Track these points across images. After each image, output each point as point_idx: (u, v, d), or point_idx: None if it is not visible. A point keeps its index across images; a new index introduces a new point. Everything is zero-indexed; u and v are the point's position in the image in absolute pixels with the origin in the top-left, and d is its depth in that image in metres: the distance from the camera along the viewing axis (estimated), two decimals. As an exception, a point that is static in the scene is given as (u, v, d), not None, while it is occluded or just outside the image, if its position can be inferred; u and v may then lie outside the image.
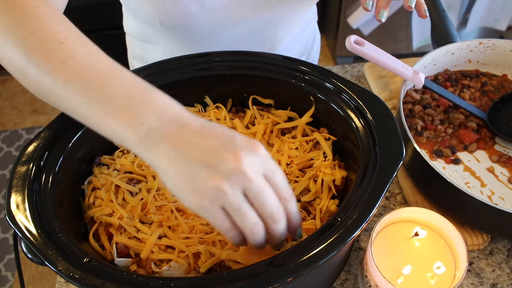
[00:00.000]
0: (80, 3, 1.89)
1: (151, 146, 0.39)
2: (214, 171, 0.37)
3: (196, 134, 0.39)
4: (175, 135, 0.39)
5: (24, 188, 0.48)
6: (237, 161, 0.37)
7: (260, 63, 0.62)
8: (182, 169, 0.38)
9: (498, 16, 1.90)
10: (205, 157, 0.38)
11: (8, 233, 1.69)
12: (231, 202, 0.38)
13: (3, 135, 2.01)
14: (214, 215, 0.39)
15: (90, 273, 0.42)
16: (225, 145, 0.38)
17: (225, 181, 0.37)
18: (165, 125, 0.39)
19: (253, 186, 0.38)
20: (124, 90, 0.40)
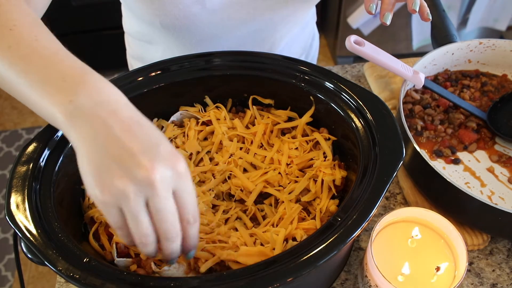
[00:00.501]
0: (80, 3, 1.89)
1: (74, 125, 0.39)
2: (125, 173, 0.37)
3: (122, 128, 0.38)
4: (101, 121, 0.38)
5: (24, 188, 0.48)
6: (150, 171, 0.37)
7: (260, 63, 0.62)
8: (96, 159, 0.38)
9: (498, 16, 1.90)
10: (122, 155, 0.37)
11: (8, 233, 1.69)
12: (130, 207, 0.37)
13: (3, 135, 2.01)
14: (111, 212, 0.39)
15: (90, 273, 0.42)
16: (146, 150, 0.37)
17: (131, 185, 0.37)
18: (94, 106, 0.39)
19: (157, 200, 0.38)
20: (62, 72, 0.41)
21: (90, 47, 2.06)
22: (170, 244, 0.40)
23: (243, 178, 0.58)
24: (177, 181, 0.39)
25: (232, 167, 0.59)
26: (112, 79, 0.60)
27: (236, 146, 0.61)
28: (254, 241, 0.52)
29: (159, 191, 0.37)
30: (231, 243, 0.51)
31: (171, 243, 0.40)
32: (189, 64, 0.62)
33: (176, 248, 0.41)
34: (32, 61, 0.42)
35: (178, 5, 0.68)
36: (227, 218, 0.56)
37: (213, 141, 0.62)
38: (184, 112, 0.65)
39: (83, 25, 1.99)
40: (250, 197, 0.57)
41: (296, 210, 0.54)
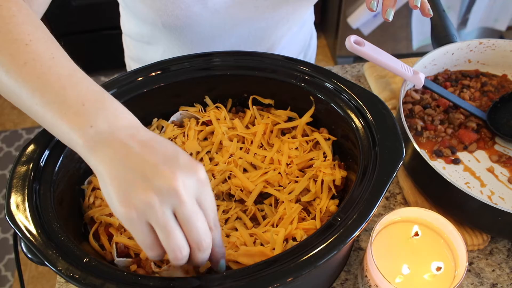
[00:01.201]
0: (80, 3, 1.89)
1: (95, 150, 0.39)
2: (148, 184, 0.36)
3: (141, 145, 0.39)
4: (120, 142, 0.39)
5: (24, 188, 0.48)
6: (172, 179, 0.37)
7: (260, 63, 0.62)
8: (118, 176, 0.37)
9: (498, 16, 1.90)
10: (143, 168, 0.37)
11: (8, 233, 1.69)
12: (158, 218, 0.37)
13: (3, 135, 2.01)
14: (139, 229, 0.38)
15: (90, 273, 0.42)
16: (166, 161, 0.38)
17: (156, 196, 0.36)
18: (114, 131, 0.39)
19: (184, 207, 0.37)
20: (80, 95, 0.41)
21: (90, 47, 2.06)
22: (202, 255, 0.40)
23: (243, 178, 0.58)
24: (199, 188, 0.39)
25: (232, 167, 0.59)
26: (112, 79, 0.60)
27: (236, 146, 0.61)
28: (254, 241, 0.52)
29: (185, 197, 0.37)
30: (231, 243, 0.51)
31: (203, 253, 0.40)
32: (189, 64, 0.62)
33: (207, 258, 0.41)
34: (50, 81, 0.41)
35: (180, 5, 0.68)
36: (227, 218, 0.56)
37: (213, 141, 0.62)
38: (184, 112, 0.65)
39: (83, 25, 1.99)
40: (250, 197, 0.57)
41: (296, 210, 0.54)
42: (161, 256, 0.40)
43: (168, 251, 0.38)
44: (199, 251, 0.39)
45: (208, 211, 0.40)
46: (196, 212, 0.38)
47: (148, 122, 0.65)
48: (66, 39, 2.00)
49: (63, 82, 0.41)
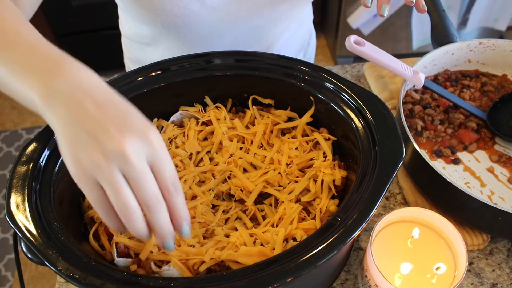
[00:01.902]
0: (80, 3, 1.89)
1: (52, 108, 0.40)
2: (97, 145, 0.38)
3: (96, 106, 0.39)
4: (76, 102, 0.39)
5: (24, 188, 0.48)
6: (122, 142, 0.38)
7: (260, 63, 0.62)
8: (71, 136, 0.39)
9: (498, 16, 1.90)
10: (95, 129, 0.38)
11: (8, 233, 1.69)
12: (105, 176, 0.38)
13: (3, 135, 2.01)
14: (87, 187, 0.39)
15: (90, 273, 0.42)
16: (117, 123, 0.39)
17: (103, 156, 0.37)
18: (70, 90, 0.40)
19: (131, 169, 0.38)
20: (40, 59, 0.42)
21: (90, 47, 2.06)
22: (155, 217, 0.40)
23: (243, 178, 0.58)
24: (150, 151, 0.39)
25: (232, 167, 0.59)
26: (112, 79, 0.60)
27: (236, 146, 0.61)
28: (254, 241, 0.52)
29: (132, 160, 0.38)
30: (231, 243, 0.51)
31: (154, 215, 0.40)
32: (189, 64, 0.62)
33: (163, 223, 0.40)
34: (12, 51, 0.43)
35: (179, 4, 0.68)
36: (227, 218, 0.56)
37: (213, 141, 0.62)
38: (184, 112, 0.65)
39: (83, 25, 1.99)
40: (250, 197, 0.57)
41: (296, 210, 0.54)
42: (119, 225, 0.41)
43: (118, 211, 0.39)
44: (149, 212, 0.39)
45: (161, 174, 0.40)
46: (144, 173, 0.38)
47: (148, 122, 0.65)
48: (66, 39, 2.00)
49: (25, 51, 0.43)
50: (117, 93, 0.42)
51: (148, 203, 0.39)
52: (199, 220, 0.55)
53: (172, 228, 0.42)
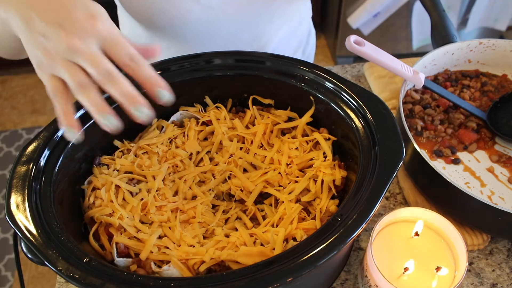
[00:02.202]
0: (80, 3, 1.88)
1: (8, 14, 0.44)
2: (49, 44, 0.41)
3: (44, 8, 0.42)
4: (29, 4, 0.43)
5: (24, 188, 0.48)
6: (68, 40, 0.41)
7: (260, 63, 0.62)
8: (28, 39, 0.43)
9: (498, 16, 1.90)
10: (44, 31, 0.41)
11: (8, 233, 1.69)
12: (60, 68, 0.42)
13: (3, 135, 2.01)
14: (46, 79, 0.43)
15: (90, 273, 0.42)
16: (62, 20, 0.42)
17: (57, 55, 0.41)
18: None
19: (83, 56, 0.41)
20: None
21: (90, 47, 2.05)
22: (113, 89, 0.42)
23: (243, 178, 0.58)
24: (99, 40, 0.42)
25: (232, 167, 0.59)
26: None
27: (236, 146, 0.61)
28: (254, 241, 0.52)
29: (82, 50, 0.41)
30: (231, 243, 0.51)
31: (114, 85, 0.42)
32: (189, 64, 0.62)
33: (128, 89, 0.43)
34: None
35: (174, 3, 0.68)
36: (227, 218, 0.56)
37: (213, 141, 0.62)
38: (184, 112, 0.65)
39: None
40: (250, 197, 0.57)
41: (296, 210, 0.54)
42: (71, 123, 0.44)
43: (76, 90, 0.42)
44: (107, 86, 0.42)
45: (116, 54, 0.43)
46: (96, 54, 0.41)
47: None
48: (66, 39, 1.99)
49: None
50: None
51: (103, 80, 0.42)
52: (199, 220, 0.55)
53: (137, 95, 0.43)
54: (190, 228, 0.54)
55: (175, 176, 0.59)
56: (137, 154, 0.61)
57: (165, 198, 0.56)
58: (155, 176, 0.58)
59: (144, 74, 0.43)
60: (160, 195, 0.56)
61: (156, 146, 0.61)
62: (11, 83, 2.24)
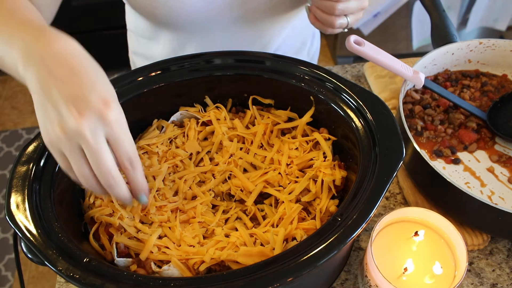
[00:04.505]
0: (80, 3, 1.89)
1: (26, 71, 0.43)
2: (60, 119, 0.41)
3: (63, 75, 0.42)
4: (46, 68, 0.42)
5: (24, 188, 0.48)
6: (79, 122, 0.40)
7: (260, 63, 0.62)
8: (40, 105, 0.42)
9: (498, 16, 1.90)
10: (58, 103, 0.41)
11: (8, 233, 1.69)
12: (68, 152, 0.42)
13: (3, 135, 2.01)
14: (56, 155, 0.43)
15: (90, 273, 0.42)
16: (78, 100, 0.41)
17: (64, 132, 0.41)
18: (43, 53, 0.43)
19: (88, 148, 0.41)
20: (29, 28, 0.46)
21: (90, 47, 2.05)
22: (111, 189, 0.44)
23: (243, 178, 0.58)
24: (107, 130, 0.42)
25: (232, 167, 0.59)
26: (112, 79, 0.60)
27: (236, 146, 0.61)
28: (254, 241, 0.52)
29: (88, 139, 0.41)
30: (231, 243, 0.51)
31: (111, 188, 0.43)
32: (189, 64, 0.62)
33: (122, 193, 0.44)
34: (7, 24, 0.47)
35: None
36: (227, 218, 0.56)
37: (213, 141, 0.62)
38: (184, 112, 0.65)
39: (83, 25, 1.99)
40: (250, 197, 0.57)
41: (296, 210, 0.54)
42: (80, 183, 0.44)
43: (79, 179, 0.44)
44: (105, 185, 0.43)
45: (118, 151, 0.43)
46: (100, 152, 0.41)
47: (148, 122, 0.65)
48: (66, 39, 2.00)
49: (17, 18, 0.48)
50: (92, 63, 0.44)
51: (102, 179, 0.43)
52: (199, 220, 0.55)
53: (129, 195, 0.46)
54: (190, 228, 0.54)
55: (175, 176, 0.59)
56: (137, 154, 0.61)
57: (165, 198, 0.56)
58: (155, 176, 0.58)
59: (136, 179, 0.46)
60: (160, 195, 0.56)
61: (156, 146, 0.61)
62: (11, 83, 2.24)
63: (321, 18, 0.64)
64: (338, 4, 0.61)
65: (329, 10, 0.62)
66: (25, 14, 0.49)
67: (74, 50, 0.44)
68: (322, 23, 0.65)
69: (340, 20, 0.63)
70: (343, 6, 0.61)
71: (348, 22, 0.64)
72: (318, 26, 0.66)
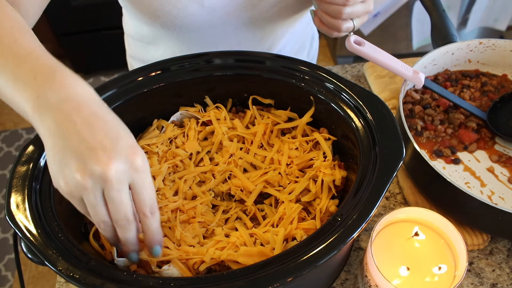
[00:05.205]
0: (80, 3, 1.89)
1: (41, 120, 0.41)
2: (83, 166, 0.39)
3: (84, 121, 0.40)
4: (65, 115, 0.40)
5: (24, 188, 0.48)
6: (106, 165, 0.39)
7: (260, 63, 0.62)
8: (58, 151, 0.40)
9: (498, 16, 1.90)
10: (81, 149, 0.39)
11: (8, 233, 1.69)
12: (88, 198, 0.40)
13: (3, 135, 2.01)
14: (74, 201, 0.42)
15: (90, 273, 0.42)
16: (105, 145, 0.39)
17: (88, 179, 0.39)
18: (60, 102, 0.41)
19: (111, 192, 0.40)
20: (34, 69, 0.43)
21: (90, 47, 2.06)
22: (124, 233, 0.43)
23: (243, 178, 0.58)
24: (133, 176, 0.41)
25: (232, 167, 0.59)
26: (112, 79, 0.60)
27: (236, 146, 0.61)
28: (254, 241, 0.52)
29: (113, 184, 0.39)
30: (231, 243, 0.51)
31: (124, 232, 0.43)
32: (189, 64, 0.62)
33: (131, 238, 0.43)
34: (8, 60, 0.44)
35: (177, 5, 0.68)
36: (227, 218, 0.56)
37: (213, 141, 0.62)
38: (184, 112, 0.65)
39: (83, 25, 1.99)
40: (250, 197, 0.57)
41: (296, 210, 0.54)
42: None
43: (94, 221, 0.42)
44: (119, 227, 0.42)
45: (140, 197, 0.42)
46: (122, 198, 0.40)
47: (148, 122, 0.65)
48: (66, 39, 2.00)
49: (19, 60, 0.44)
50: (108, 109, 0.43)
51: (118, 222, 0.42)
52: (199, 220, 0.55)
53: (137, 245, 0.45)
54: (190, 228, 0.54)
55: (175, 176, 0.59)
56: (137, 154, 0.61)
57: (165, 198, 0.56)
58: (155, 176, 0.58)
59: (152, 227, 0.44)
60: (160, 195, 0.56)
61: (156, 146, 0.61)
62: (11, 83, 2.23)
63: (328, 22, 0.64)
64: (345, 8, 0.61)
65: (336, 14, 0.62)
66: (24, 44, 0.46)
67: (91, 95, 0.43)
68: (328, 27, 0.65)
69: (347, 24, 0.63)
70: (350, 10, 0.61)
71: (354, 26, 0.64)
72: (324, 30, 0.66)
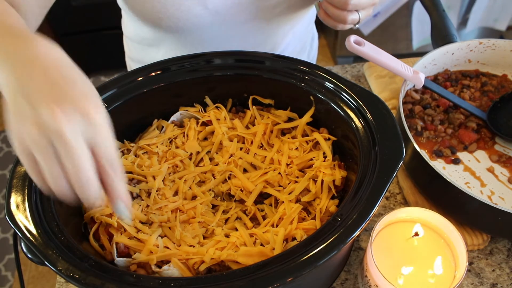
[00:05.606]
0: (80, 3, 1.89)
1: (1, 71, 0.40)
2: (36, 116, 0.37)
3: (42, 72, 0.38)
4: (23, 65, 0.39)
5: (24, 188, 0.48)
6: (58, 118, 0.36)
7: (260, 63, 0.62)
8: (13, 103, 0.38)
9: (498, 16, 1.90)
10: (35, 98, 0.37)
11: (8, 233, 1.69)
12: (39, 151, 0.37)
13: (3, 135, 2.01)
14: (23, 157, 0.39)
15: (90, 273, 0.42)
16: (59, 94, 0.37)
17: (39, 130, 0.37)
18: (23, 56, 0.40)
19: (66, 148, 0.37)
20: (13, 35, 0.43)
21: (90, 47, 2.06)
22: (83, 194, 0.39)
23: (243, 178, 0.58)
24: (89, 130, 0.38)
25: (232, 167, 0.59)
26: (112, 79, 0.60)
27: (236, 146, 0.61)
28: (254, 241, 0.52)
29: (67, 138, 0.37)
30: (231, 243, 0.51)
31: (83, 193, 0.39)
32: (189, 64, 0.62)
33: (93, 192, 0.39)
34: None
35: (180, 7, 0.68)
36: (227, 218, 0.56)
37: (213, 141, 0.62)
38: (184, 112, 0.65)
39: (83, 25, 1.99)
40: (250, 197, 0.57)
41: (296, 210, 0.54)
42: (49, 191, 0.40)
43: (48, 180, 0.39)
44: (77, 188, 0.39)
45: (99, 154, 0.39)
46: (78, 155, 0.37)
47: (148, 122, 0.65)
48: (66, 39, 2.00)
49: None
50: (78, 70, 0.41)
51: (76, 182, 0.38)
52: (199, 220, 0.55)
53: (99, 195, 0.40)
54: (190, 228, 0.54)
55: (175, 176, 0.59)
56: (137, 154, 0.61)
57: (165, 198, 0.56)
58: (155, 176, 0.58)
59: (113, 183, 0.41)
60: (160, 195, 0.56)
61: (156, 146, 0.61)
62: (11, 83, 2.23)
63: (333, 14, 0.63)
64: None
65: (342, 6, 0.62)
66: (5, 20, 0.46)
67: (59, 57, 0.41)
68: (334, 19, 0.64)
69: (352, 16, 0.63)
70: (356, 1, 0.61)
71: (360, 18, 0.63)
72: (329, 22, 0.65)
